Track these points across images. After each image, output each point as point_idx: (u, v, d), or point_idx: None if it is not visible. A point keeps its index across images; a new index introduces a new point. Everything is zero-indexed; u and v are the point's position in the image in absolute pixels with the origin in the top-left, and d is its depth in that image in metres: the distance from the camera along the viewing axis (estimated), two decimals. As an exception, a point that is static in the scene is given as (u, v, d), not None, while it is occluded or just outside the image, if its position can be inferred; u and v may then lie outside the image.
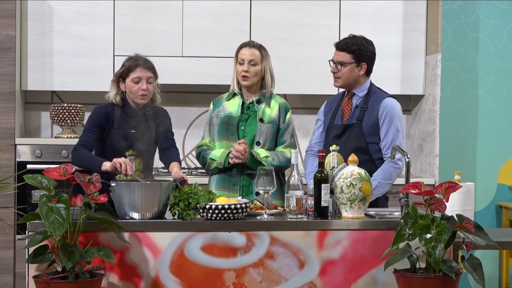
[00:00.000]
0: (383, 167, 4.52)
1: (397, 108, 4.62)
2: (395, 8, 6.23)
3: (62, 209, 3.62)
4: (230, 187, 4.63)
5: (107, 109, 4.51)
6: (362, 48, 4.61)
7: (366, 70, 4.65)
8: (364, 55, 4.61)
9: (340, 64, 4.61)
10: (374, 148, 4.58)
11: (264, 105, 4.70)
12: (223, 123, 4.69)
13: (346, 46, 4.61)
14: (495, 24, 6.46)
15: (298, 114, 6.52)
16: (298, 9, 6.18)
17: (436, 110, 6.10)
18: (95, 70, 6.02)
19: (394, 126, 4.56)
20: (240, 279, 3.91)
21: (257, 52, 4.69)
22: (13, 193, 5.71)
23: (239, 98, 4.72)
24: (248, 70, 4.65)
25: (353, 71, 4.62)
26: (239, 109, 4.69)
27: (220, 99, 4.81)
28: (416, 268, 3.79)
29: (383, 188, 4.49)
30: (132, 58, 4.52)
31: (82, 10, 6.02)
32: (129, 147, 4.45)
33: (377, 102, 4.61)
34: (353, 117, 4.62)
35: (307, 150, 4.81)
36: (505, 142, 6.49)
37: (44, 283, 3.62)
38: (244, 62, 4.66)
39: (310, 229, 3.97)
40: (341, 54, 4.62)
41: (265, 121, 4.67)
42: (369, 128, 4.58)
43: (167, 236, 3.89)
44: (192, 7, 6.09)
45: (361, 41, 4.64)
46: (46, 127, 6.35)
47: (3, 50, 5.80)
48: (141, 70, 4.46)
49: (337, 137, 4.61)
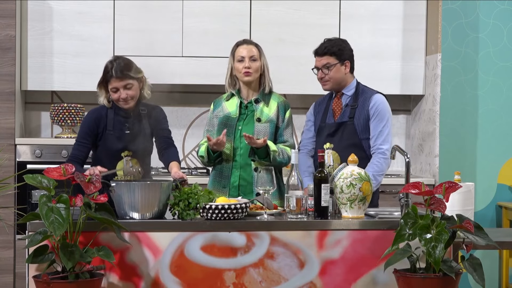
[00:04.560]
0: (373, 160, 4.60)
1: (386, 104, 4.72)
2: (395, 8, 6.23)
3: (62, 209, 3.62)
4: (220, 189, 4.64)
5: (99, 112, 4.52)
6: (342, 47, 4.72)
7: (350, 68, 4.74)
8: (345, 53, 4.71)
9: (326, 67, 4.69)
10: (368, 144, 4.66)
11: (263, 104, 4.71)
12: (222, 123, 4.70)
13: (326, 49, 4.71)
14: (495, 24, 6.46)
15: (298, 114, 6.51)
16: (298, 9, 6.18)
17: (436, 110, 6.10)
18: (95, 70, 5.97)
19: (385, 120, 4.65)
20: (240, 279, 3.91)
21: (255, 48, 4.72)
22: (13, 193, 5.71)
23: (237, 98, 4.73)
24: (250, 66, 4.66)
25: (339, 71, 4.70)
26: (237, 109, 4.69)
27: (220, 99, 4.82)
28: (416, 268, 3.79)
29: (377, 181, 4.56)
30: (108, 66, 4.46)
31: (82, 10, 6.02)
32: (124, 148, 4.45)
33: (367, 98, 4.69)
34: (345, 115, 4.69)
35: (300, 148, 4.85)
36: (505, 142, 6.49)
37: (44, 283, 3.62)
38: (244, 59, 4.67)
39: (310, 229, 3.97)
40: (324, 58, 4.71)
41: (263, 120, 4.68)
42: (361, 125, 4.66)
43: (167, 236, 3.89)
44: (192, 7, 6.09)
45: (339, 42, 4.75)
46: (46, 127, 6.35)
47: (3, 50, 5.80)
48: (115, 81, 4.42)
49: (331, 135, 4.68)
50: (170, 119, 6.18)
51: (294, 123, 6.58)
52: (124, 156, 4.44)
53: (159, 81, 6.08)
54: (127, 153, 4.45)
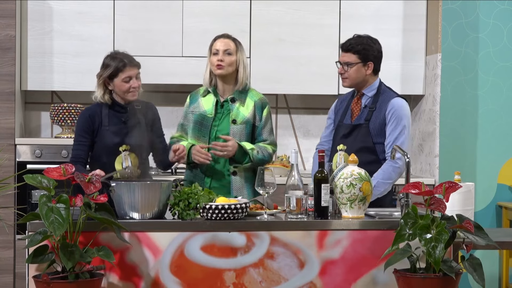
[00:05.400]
0: (383, 166, 4.53)
1: (404, 108, 4.61)
2: (395, 8, 6.23)
3: (62, 209, 3.62)
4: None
5: (92, 110, 4.54)
6: (367, 47, 4.61)
7: (374, 69, 4.64)
8: (370, 54, 4.61)
9: (347, 65, 4.60)
10: (381, 149, 4.59)
11: (239, 104, 4.65)
12: (197, 122, 4.65)
13: (351, 46, 4.61)
14: (495, 24, 6.46)
15: (298, 114, 6.52)
16: (298, 9, 6.18)
17: (436, 110, 6.10)
18: (95, 70, 5.97)
19: (401, 126, 4.55)
20: (240, 279, 3.91)
21: (232, 43, 4.66)
22: (13, 193, 5.71)
23: (214, 96, 4.67)
24: (223, 59, 4.62)
25: (359, 71, 4.61)
26: (213, 109, 4.65)
27: (196, 93, 4.76)
28: (416, 268, 3.79)
29: (382, 188, 4.49)
30: (115, 58, 4.51)
31: (82, 10, 6.02)
32: (122, 142, 4.46)
33: (385, 102, 4.60)
34: (362, 117, 4.62)
35: (317, 146, 4.80)
36: (505, 142, 6.49)
37: (44, 283, 3.62)
38: (218, 52, 4.62)
39: (310, 229, 3.97)
40: (347, 55, 4.62)
41: (238, 122, 4.62)
42: (376, 128, 4.58)
43: (167, 236, 3.89)
44: (192, 7, 6.09)
45: (366, 41, 4.64)
46: (46, 127, 6.35)
47: (3, 50, 5.80)
48: (130, 69, 4.47)
49: (345, 137, 4.61)
50: (170, 119, 6.22)
51: (294, 123, 6.61)
52: (122, 150, 4.45)
53: (158, 81, 6.08)
54: (125, 147, 4.46)
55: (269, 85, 6.14)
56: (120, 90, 4.48)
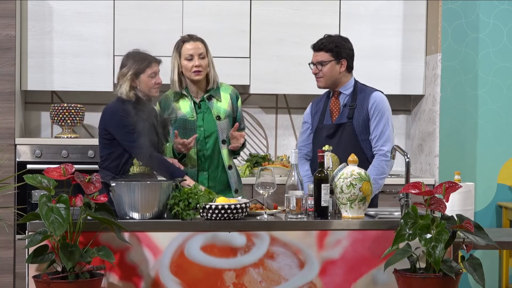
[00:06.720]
0: (374, 162, 4.55)
1: (386, 101, 4.65)
2: (395, 8, 6.23)
3: (62, 209, 3.63)
4: None
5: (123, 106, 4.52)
6: (339, 45, 4.64)
7: (347, 67, 4.66)
8: (342, 51, 4.64)
9: (320, 64, 4.64)
10: (367, 145, 4.61)
11: (216, 100, 4.68)
12: (179, 127, 4.65)
13: (323, 45, 4.65)
14: (495, 24, 6.46)
15: (298, 114, 6.52)
16: (298, 9, 6.18)
17: (436, 110, 6.10)
18: (95, 70, 6.02)
19: (384, 118, 4.58)
20: (240, 279, 3.91)
21: (201, 45, 4.68)
22: (13, 193, 5.71)
23: (189, 99, 4.68)
24: (200, 64, 4.61)
25: (333, 69, 4.63)
26: (193, 111, 4.66)
27: (166, 99, 4.75)
28: (416, 268, 3.79)
29: (378, 184, 4.53)
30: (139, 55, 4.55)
31: (82, 10, 6.02)
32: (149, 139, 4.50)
33: (366, 97, 4.62)
34: (343, 116, 4.64)
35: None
36: (505, 142, 6.49)
37: (44, 283, 3.62)
38: (193, 57, 4.62)
39: (310, 229, 3.97)
40: (320, 54, 4.65)
41: (222, 117, 4.66)
42: (360, 125, 4.60)
43: (167, 236, 3.89)
44: (192, 7, 6.09)
45: (337, 39, 4.68)
46: (46, 127, 6.35)
47: (3, 50, 5.80)
48: (155, 65, 4.54)
49: (329, 137, 4.62)
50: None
51: (294, 123, 6.61)
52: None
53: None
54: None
55: (269, 85, 6.14)
56: (146, 85, 4.52)
